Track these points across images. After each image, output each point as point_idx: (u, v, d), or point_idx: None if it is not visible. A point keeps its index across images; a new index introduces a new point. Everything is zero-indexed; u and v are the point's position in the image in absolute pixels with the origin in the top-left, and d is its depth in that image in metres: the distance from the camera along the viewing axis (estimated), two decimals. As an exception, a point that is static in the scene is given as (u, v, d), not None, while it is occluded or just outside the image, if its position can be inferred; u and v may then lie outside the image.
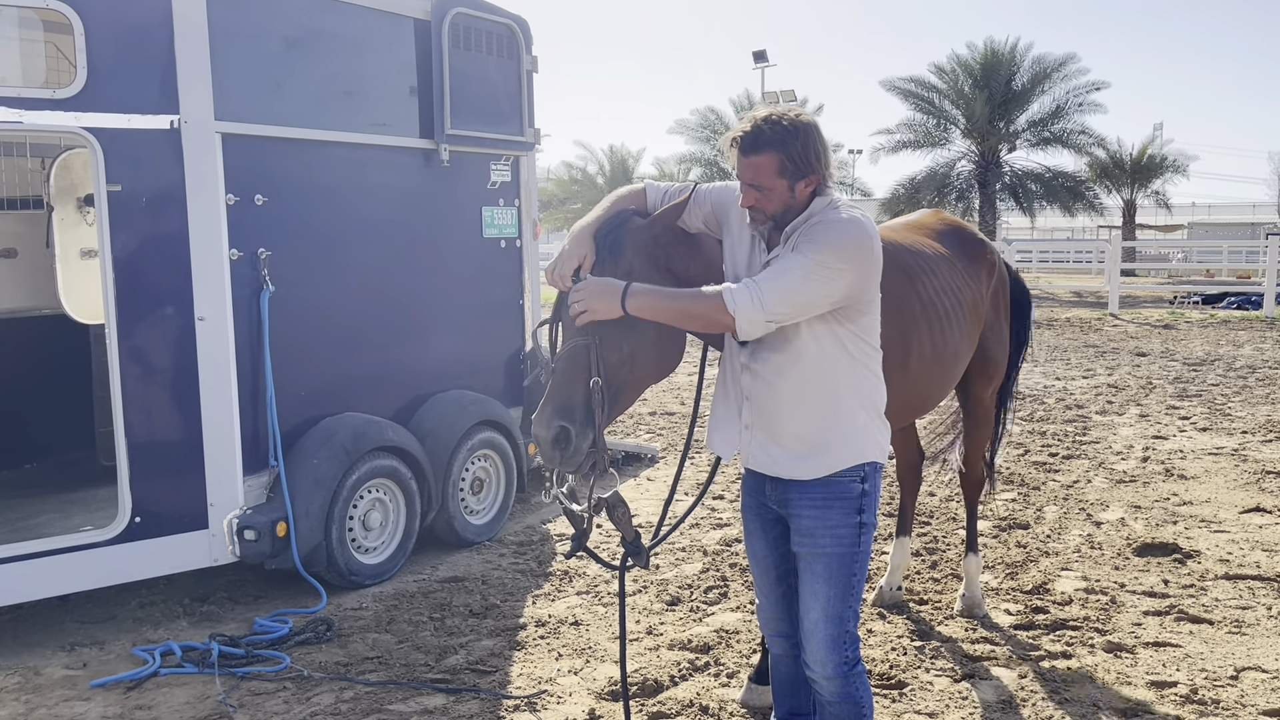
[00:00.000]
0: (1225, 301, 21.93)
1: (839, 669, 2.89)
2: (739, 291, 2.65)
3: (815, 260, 2.65)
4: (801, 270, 2.65)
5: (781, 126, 2.70)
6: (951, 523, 6.31)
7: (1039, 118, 31.84)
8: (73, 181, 6.24)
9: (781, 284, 2.64)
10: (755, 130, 2.72)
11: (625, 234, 2.87)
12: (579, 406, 2.77)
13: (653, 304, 2.72)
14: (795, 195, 2.75)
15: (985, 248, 4.62)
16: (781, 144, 2.70)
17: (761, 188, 2.74)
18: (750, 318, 2.65)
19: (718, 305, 2.66)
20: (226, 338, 4.90)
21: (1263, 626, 4.68)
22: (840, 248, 2.67)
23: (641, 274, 2.83)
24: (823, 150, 2.75)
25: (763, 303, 2.63)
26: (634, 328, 2.80)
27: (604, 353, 2.79)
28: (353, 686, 4.22)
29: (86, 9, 4.50)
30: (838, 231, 2.69)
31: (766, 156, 2.71)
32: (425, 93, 5.83)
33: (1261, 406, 10.09)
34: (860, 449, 2.85)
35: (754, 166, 2.73)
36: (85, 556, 4.68)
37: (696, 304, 2.71)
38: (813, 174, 2.73)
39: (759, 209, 2.78)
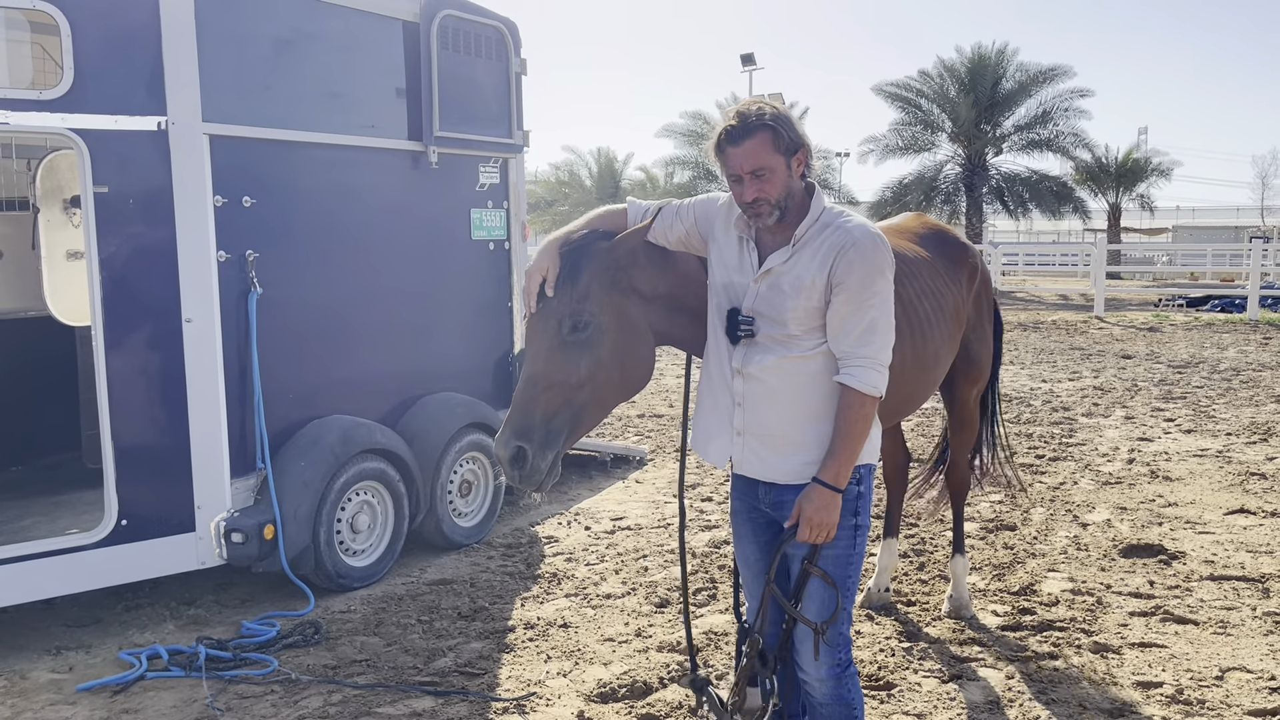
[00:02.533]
0: (1209, 304, 22.05)
1: (831, 671, 2.89)
2: (863, 376, 2.76)
3: (877, 294, 2.77)
4: (881, 314, 2.79)
5: (763, 110, 2.78)
6: (939, 524, 6.34)
7: (1025, 122, 31.99)
8: (59, 183, 6.21)
9: (880, 340, 2.79)
10: (741, 118, 2.76)
11: (584, 257, 2.90)
12: (537, 427, 2.82)
13: (849, 461, 2.80)
14: (791, 173, 2.79)
15: (967, 251, 4.64)
16: (769, 123, 2.75)
17: (761, 170, 2.75)
18: (885, 383, 2.81)
19: (869, 402, 2.78)
20: (214, 340, 4.89)
21: (1247, 627, 4.71)
22: (883, 269, 2.79)
23: (599, 297, 2.87)
24: (801, 129, 2.82)
25: (882, 366, 2.79)
26: (589, 346, 2.85)
27: (561, 375, 2.84)
28: (341, 689, 4.21)
29: (73, 10, 4.48)
30: (871, 256, 2.76)
31: (759, 137, 2.74)
32: (414, 95, 5.83)
33: (1245, 408, 10.16)
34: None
35: (749, 151, 2.74)
36: (71, 560, 4.66)
37: (860, 420, 2.79)
38: (802, 147, 2.79)
39: (763, 199, 2.77)
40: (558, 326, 2.85)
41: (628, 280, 2.95)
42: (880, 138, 33.01)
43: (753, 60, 35.72)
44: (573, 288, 2.86)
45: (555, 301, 2.86)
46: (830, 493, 2.76)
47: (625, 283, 2.94)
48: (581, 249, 2.91)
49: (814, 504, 2.76)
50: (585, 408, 2.90)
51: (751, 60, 35.71)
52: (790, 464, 2.87)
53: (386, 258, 5.79)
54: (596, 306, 2.87)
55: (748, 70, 35.84)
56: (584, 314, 2.85)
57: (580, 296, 2.85)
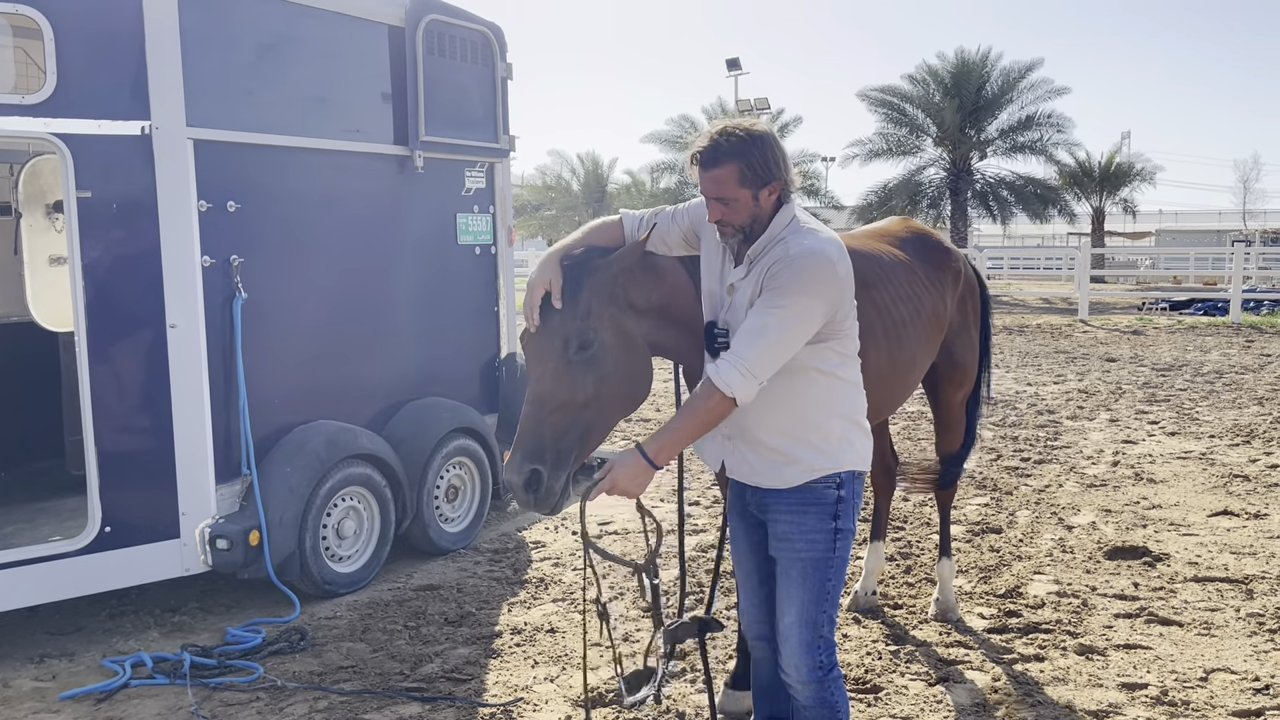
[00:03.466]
0: (1193, 307, 22.19)
1: (813, 674, 2.90)
2: (725, 371, 2.69)
3: (787, 308, 2.68)
4: (779, 324, 2.68)
5: (738, 137, 2.74)
6: (925, 527, 6.36)
7: (1009, 126, 32.14)
8: (41, 188, 6.17)
9: (761, 346, 2.68)
10: (713, 144, 2.75)
11: (584, 274, 2.90)
12: (548, 449, 2.80)
13: (675, 442, 2.77)
14: (760, 204, 2.78)
15: (949, 255, 4.65)
16: (741, 154, 2.73)
17: (726, 200, 2.77)
18: (746, 389, 2.70)
19: (718, 397, 2.70)
20: (198, 345, 4.86)
21: (1231, 628, 4.74)
22: (803, 286, 2.69)
23: (600, 313, 2.87)
24: (781, 157, 2.78)
25: (752, 372, 2.68)
26: (593, 364, 2.84)
27: (568, 395, 2.82)
28: (327, 696, 4.19)
29: (56, 14, 4.46)
30: (799, 269, 2.70)
31: (727, 168, 2.74)
32: (399, 99, 5.82)
33: (1228, 411, 10.23)
34: (836, 459, 2.86)
35: (716, 179, 2.76)
36: (54, 567, 4.62)
37: (704, 412, 2.74)
38: (774, 180, 2.77)
39: (726, 222, 2.81)
40: (563, 346, 2.83)
41: (624, 295, 2.96)
42: (865, 142, 33.14)
43: (738, 65, 35.83)
44: (575, 306, 2.84)
45: (558, 321, 2.84)
46: (643, 464, 2.72)
47: (622, 298, 2.95)
48: (582, 266, 2.90)
49: (625, 469, 2.73)
50: (592, 426, 2.89)
51: (737, 65, 35.81)
52: (776, 471, 2.89)
53: (372, 262, 5.77)
54: (598, 324, 2.86)
55: (733, 75, 35.94)
56: (588, 332, 2.84)
57: (583, 314, 2.84)
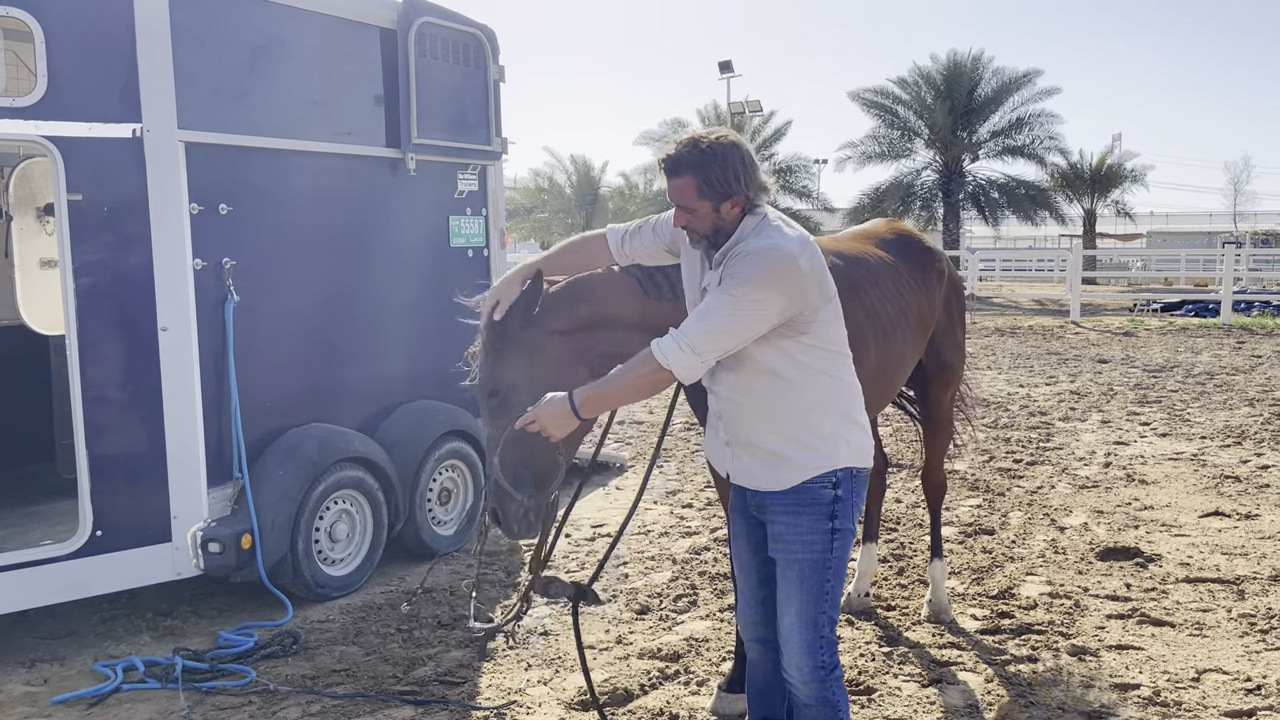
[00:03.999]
0: (1184, 309, 22.27)
1: (815, 673, 2.91)
2: (665, 344, 2.74)
3: (736, 296, 2.71)
4: (724, 309, 2.72)
5: (699, 150, 2.78)
6: (918, 529, 6.36)
7: (1001, 128, 32.26)
8: (32, 191, 6.15)
9: (706, 326, 2.73)
10: (676, 154, 2.81)
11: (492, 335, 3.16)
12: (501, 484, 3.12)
13: (602, 396, 2.86)
14: (722, 215, 2.82)
15: (933, 256, 4.67)
16: (699, 168, 2.77)
17: (688, 209, 2.84)
18: (685, 363, 2.73)
19: (652, 366, 2.75)
20: (190, 348, 4.85)
21: (1223, 629, 4.76)
22: (757, 278, 2.71)
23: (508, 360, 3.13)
24: (743, 170, 2.79)
25: (693, 348, 2.72)
26: (509, 407, 3.10)
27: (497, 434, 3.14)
28: (320, 700, 4.18)
29: (47, 16, 4.44)
30: (753, 262, 2.72)
31: (686, 179, 2.80)
32: (391, 102, 5.81)
33: (1219, 412, 10.27)
34: (830, 456, 2.87)
35: (677, 189, 2.83)
36: (45, 571, 4.60)
37: (635, 375, 2.81)
38: (735, 195, 2.80)
39: (690, 228, 2.88)
40: (485, 397, 3.18)
41: (540, 327, 3.15)
42: (858, 144, 33.22)
43: (730, 67, 35.86)
44: (487, 362, 3.17)
45: (479, 374, 3.18)
46: (567, 409, 2.82)
47: (537, 330, 3.15)
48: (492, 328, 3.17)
49: (549, 410, 2.84)
50: (533, 455, 3.13)
51: (729, 67, 35.85)
52: (771, 472, 2.91)
53: (364, 265, 5.76)
54: (501, 371, 3.13)
55: (726, 77, 35.98)
56: (493, 382, 3.15)
57: (489, 367, 3.16)
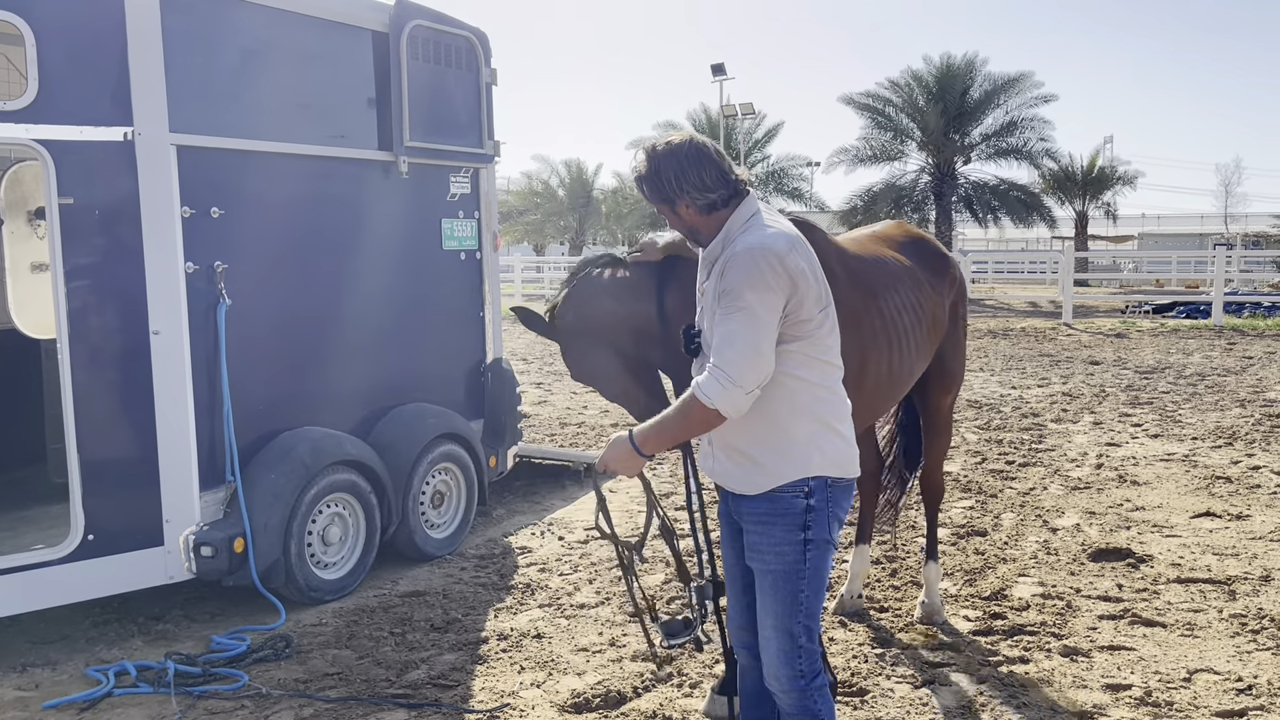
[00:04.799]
0: (1175, 310, 22.35)
1: (794, 682, 2.89)
2: (707, 385, 2.70)
3: (740, 308, 2.68)
4: (742, 327, 2.67)
5: (641, 162, 2.89)
6: (911, 530, 6.38)
7: (993, 131, 32.33)
8: (23, 194, 6.14)
9: (734, 353, 2.67)
10: (635, 164, 2.93)
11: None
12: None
13: (659, 436, 2.84)
14: (681, 218, 2.91)
15: (948, 261, 4.69)
16: (646, 180, 2.89)
17: (663, 214, 2.95)
18: (730, 400, 2.69)
19: (700, 407, 2.72)
20: (182, 352, 4.84)
21: (1214, 629, 4.77)
22: (755, 281, 2.68)
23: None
24: (683, 175, 2.81)
25: (733, 381, 2.67)
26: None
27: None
28: (312, 703, 4.17)
29: (38, 20, 4.44)
30: (741, 266, 2.71)
31: (642, 191, 2.94)
32: (384, 105, 5.81)
33: (1211, 413, 10.30)
34: (802, 464, 2.81)
35: (646, 196, 2.96)
36: (37, 575, 4.59)
37: (686, 418, 2.78)
38: (677, 199, 2.85)
39: (674, 228, 3.01)
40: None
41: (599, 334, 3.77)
42: (850, 147, 33.27)
43: (723, 70, 35.85)
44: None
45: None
46: (629, 449, 2.85)
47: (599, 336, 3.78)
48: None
49: (614, 451, 2.88)
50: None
51: (722, 70, 35.84)
52: (745, 476, 2.89)
53: (357, 268, 5.76)
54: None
55: (718, 80, 35.96)
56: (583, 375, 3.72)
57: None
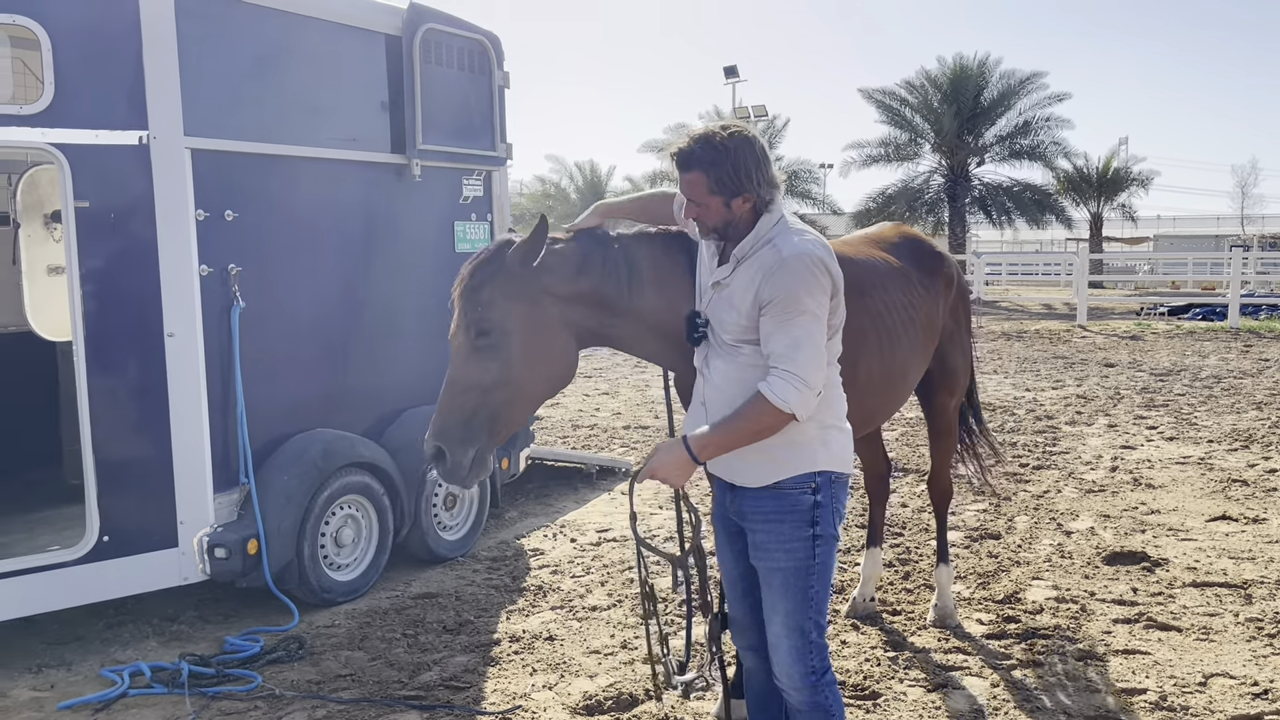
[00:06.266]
0: (1191, 313, 22.22)
1: (806, 679, 2.91)
2: (779, 388, 2.69)
3: (802, 311, 2.70)
4: (807, 330, 2.71)
5: (711, 146, 2.76)
6: (924, 533, 6.35)
7: (1007, 132, 32.25)
8: (40, 198, 6.18)
9: (804, 355, 2.69)
10: (688, 149, 2.79)
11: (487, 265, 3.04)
12: (454, 427, 3.00)
13: (720, 442, 2.80)
14: (732, 211, 2.81)
15: (942, 261, 4.66)
16: (710, 164, 2.76)
17: (697, 203, 2.83)
18: (805, 402, 2.70)
19: (772, 410, 2.70)
20: (196, 354, 4.86)
21: (1230, 633, 4.74)
22: (806, 286, 2.71)
23: (501, 305, 3.01)
24: (755, 167, 2.78)
25: (805, 383, 2.68)
26: (496, 350, 3.00)
27: (475, 378, 3.01)
28: (325, 705, 4.19)
29: (54, 25, 4.47)
30: (794, 272, 2.72)
31: (697, 174, 2.79)
32: (396, 108, 5.83)
33: (1227, 416, 10.23)
34: (809, 459, 2.85)
35: (688, 183, 2.82)
36: (52, 576, 4.62)
37: (753, 422, 2.74)
38: (745, 192, 2.78)
39: (700, 221, 2.88)
40: (467, 333, 3.02)
41: (536, 284, 3.05)
42: (863, 148, 33.23)
43: (735, 72, 35.88)
44: (476, 296, 3.01)
45: (465, 308, 3.02)
46: (685, 456, 2.78)
47: (534, 286, 3.05)
48: (484, 260, 3.06)
49: (667, 458, 2.80)
50: (503, 406, 3.05)
51: (734, 72, 35.87)
52: (748, 467, 2.89)
53: (370, 271, 5.78)
54: (499, 314, 3.00)
55: (731, 82, 36.00)
56: (486, 321, 3.00)
57: (484, 304, 3.00)
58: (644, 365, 15.45)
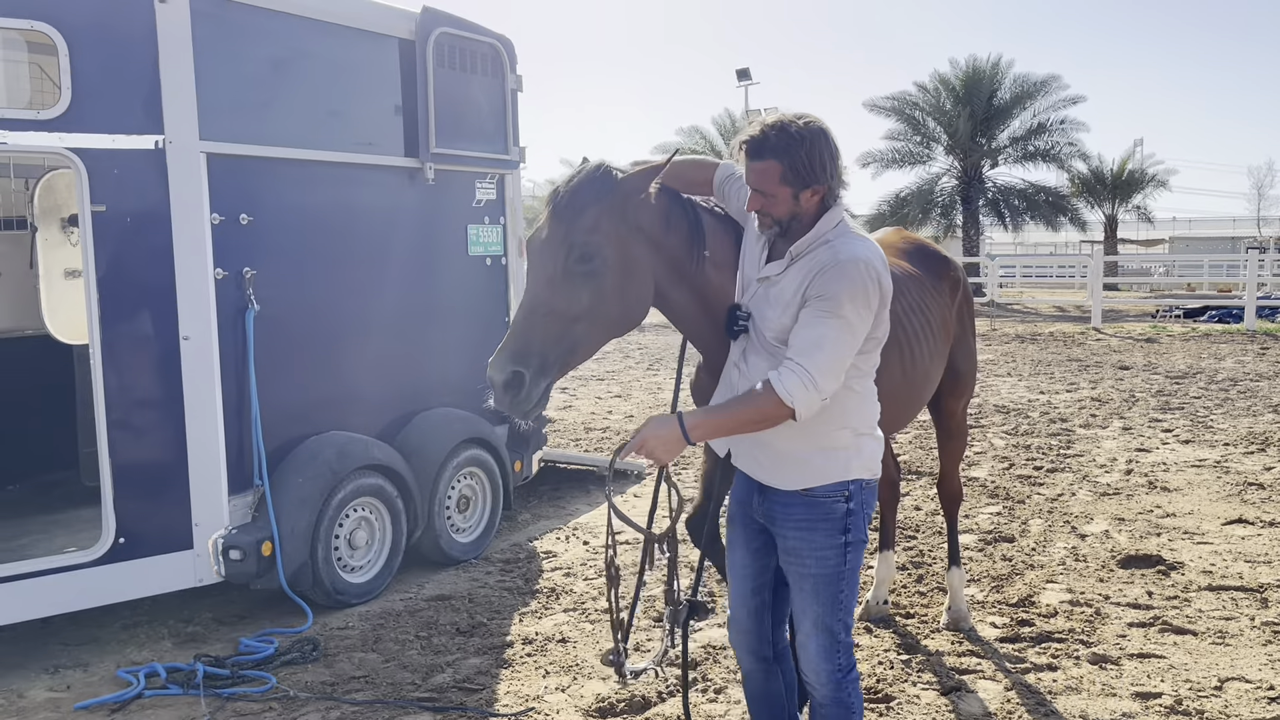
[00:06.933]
0: (1207, 315, 22.11)
1: (833, 676, 2.94)
2: (788, 381, 2.63)
3: (841, 317, 2.64)
4: (837, 335, 2.64)
5: (787, 134, 2.67)
6: (937, 536, 6.34)
7: (1021, 134, 32.08)
8: (57, 202, 6.23)
9: (824, 357, 2.63)
10: (761, 136, 2.70)
11: (596, 187, 2.85)
12: (534, 354, 2.79)
13: (716, 424, 2.75)
14: (801, 203, 2.73)
15: (950, 264, 4.67)
16: (785, 152, 2.67)
17: (766, 194, 2.73)
18: (807, 401, 2.64)
19: (776, 402, 2.64)
20: (211, 357, 4.89)
21: (1246, 637, 4.71)
22: (857, 295, 2.66)
23: (606, 230, 2.83)
24: (829, 159, 2.71)
25: (815, 384, 2.63)
26: (592, 278, 2.81)
27: (563, 305, 2.80)
28: (339, 706, 4.20)
29: (71, 30, 4.51)
30: (849, 278, 2.66)
31: (770, 163, 2.69)
32: (410, 112, 5.86)
33: (1243, 419, 10.17)
34: (843, 467, 2.84)
35: (758, 172, 2.72)
36: (69, 578, 4.65)
37: (753, 409, 2.69)
38: (818, 184, 2.71)
39: (765, 213, 2.77)
40: (564, 256, 2.81)
41: (635, 217, 2.90)
42: (877, 151, 33.13)
43: (748, 75, 35.88)
44: (579, 218, 2.81)
45: (564, 229, 2.81)
46: (678, 433, 2.67)
47: (633, 219, 2.89)
48: (595, 178, 2.87)
49: (659, 432, 2.69)
50: (580, 341, 2.87)
51: (747, 75, 35.85)
52: (780, 471, 2.89)
53: (383, 274, 5.80)
54: (603, 239, 2.83)
55: (744, 85, 35.98)
56: (590, 246, 2.81)
57: (588, 228, 2.81)
58: (656, 367, 15.44)
